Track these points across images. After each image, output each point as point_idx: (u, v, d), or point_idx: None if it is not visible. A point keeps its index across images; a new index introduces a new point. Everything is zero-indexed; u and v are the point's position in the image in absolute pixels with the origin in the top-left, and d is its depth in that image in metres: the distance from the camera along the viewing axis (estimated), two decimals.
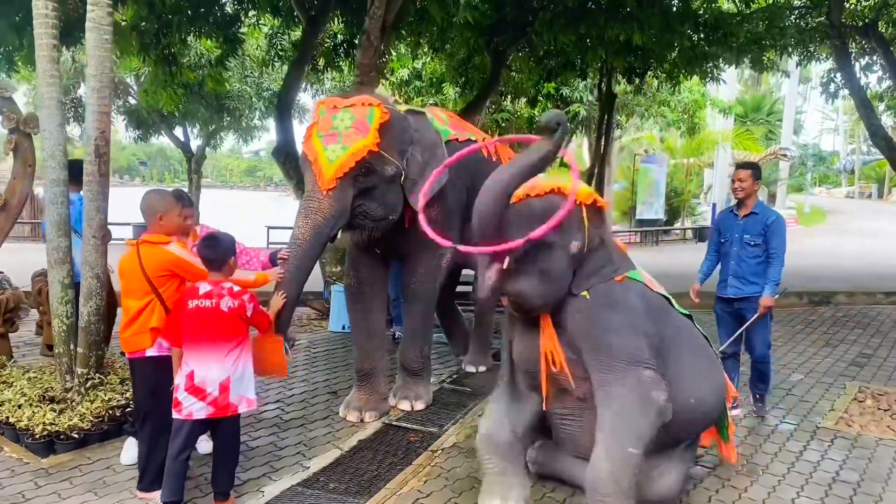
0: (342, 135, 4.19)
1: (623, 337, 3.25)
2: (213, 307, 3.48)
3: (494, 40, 9.51)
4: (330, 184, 4.14)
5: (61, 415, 4.32)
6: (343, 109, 4.29)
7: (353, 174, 4.18)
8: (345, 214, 4.27)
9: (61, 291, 4.68)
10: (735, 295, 5.09)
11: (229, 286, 3.56)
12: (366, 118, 4.23)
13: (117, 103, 15.26)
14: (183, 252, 3.71)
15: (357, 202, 4.30)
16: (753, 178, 5.01)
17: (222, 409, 3.49)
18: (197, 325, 3.47)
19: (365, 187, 4.28)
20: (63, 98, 4.94)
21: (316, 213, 4.18)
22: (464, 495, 3.83)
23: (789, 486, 4.04)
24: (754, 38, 8.89)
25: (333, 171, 4.12)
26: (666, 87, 14.45)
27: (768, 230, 4.93)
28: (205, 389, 3.45)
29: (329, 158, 4.13)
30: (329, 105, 4.37)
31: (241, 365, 3.58)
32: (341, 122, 4.23)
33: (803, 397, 5.69)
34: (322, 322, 8.14)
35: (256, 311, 3.63)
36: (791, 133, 31.51)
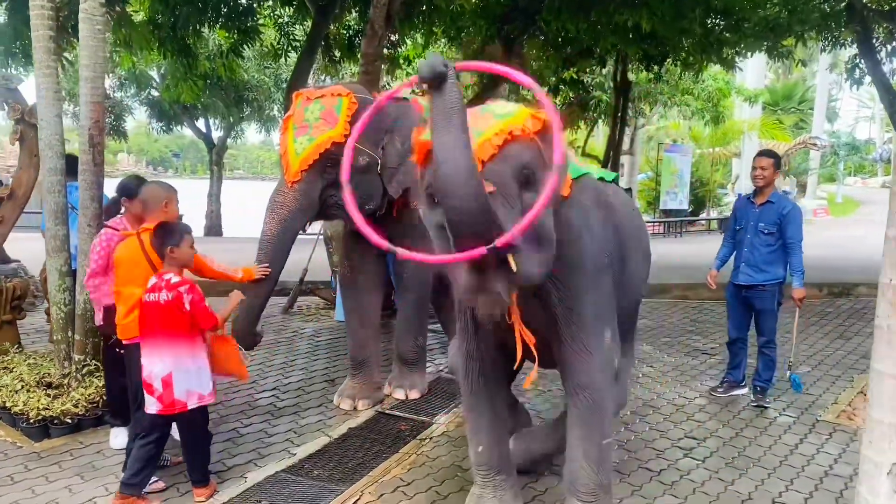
0: (312, 126, 4.18)
1: (590, 287, 3.00)
2: (155, 301, 3.44)
3: (505, 28, 9.44)
4: (295, 177, 4.15)
5: (56, 400, 4.40)
6: (314, 101, 4.27)
7: (320, 166, 4.17)
8: (312, 207, 4.27)
9: (59, 279, 4.76)
10: (745, 282, 5.08)
11: (168, 277, 3.47)
12: (334, 109, 4.20)
13: (140, 96, 15.48)
14: None
15: (328, 193, 4.29)
16: (774, 167, 4.97)
17: (168, 406, 3.45)
18: (145, 319, 3.48)
19: (335, 179, 4.21)
20: (62, 89, 5.00)
21: (281, 207, 4.20)
22: (445, 483, 3.83)
23: (779, 479, 3.96)
24: (770, 25, 8.67)
25: (298, 163, 4.13)
26: (688, 76, 14.26)
27: (784, 219, 4.92)
28: (152, 384, 3.45)
29: (296, 151, 4.14)
30: (303, 97, 4.36)
31: (188, 360, 3.49)
32: (311, 113, 4.22)
33: (808, 390, 5.58)
34: (329, 311, 8.18)
35: (196, 306, 3.46)
36: (823, 121, 30.78)
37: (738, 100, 20.65)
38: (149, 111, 16.45)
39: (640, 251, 3.65)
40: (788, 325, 7.82)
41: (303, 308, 8.40)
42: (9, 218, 5.90)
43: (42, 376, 4.68)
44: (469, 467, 3.96)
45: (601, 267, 3.08)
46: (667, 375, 5.89)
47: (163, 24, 8.91)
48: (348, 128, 4.13)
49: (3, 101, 5.86)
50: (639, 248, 3.62)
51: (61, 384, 4.60)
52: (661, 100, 17.50)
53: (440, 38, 12.01)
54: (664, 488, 3.82)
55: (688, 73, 12.74)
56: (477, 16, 9.59)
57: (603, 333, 3.07)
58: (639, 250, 3.61)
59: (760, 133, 24.07)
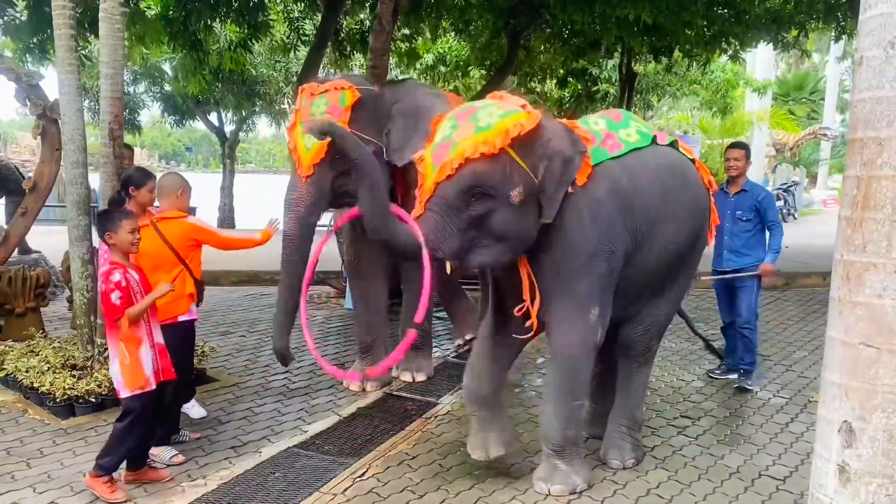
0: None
1: (583, 272, 3.39)
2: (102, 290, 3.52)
3: (511, 22, 9.59)
4: (307, 171, 4.38)
5: (80, 381, 4.63)
6: (319, 95, 4.45)
7: (330, 158, 4.36)
8: (324, 198, 4.50)
9: (81, 267, 4.99)
10: (731, 267, 5.32)
11: (106, 267, 3.53)
12: (338, 102, 4.39)
13: (152, 90, 15.72)
14: (200, 221, 4.13)
15: (338, 183, 4.49)
16: (746, 158, 5.30)
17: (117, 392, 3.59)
18: None
19: (344, 168, 4.39)
20: (82, 85, 5.22)
21: (297, 203, 4.44)
22: (448, 458, 4.04)
23: (767, 454, 4.15)
24: (772, 17, 8.78)
25: (310, 158, 4.34)
26: (696, 67, 14.34)
27: (761, 205, 5.21)
28: None
29: (306, 146, 4.35)
30: (308, 92, 4.53)
31: (114, 350, 3.53)
32: (317, 108, 4.40)
33: (802, 373, 5.74)
34: (340, 300, 8.40)
35: (103, 296, 3.45)
36: (834, 112, 30.59)
37: (749, 90, 20.65)
38: (162, 105, 16.70)
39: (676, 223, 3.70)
40: (790, 312, 8.00)
41: (314, 297, 8.63)
42: (32, 209, 6.15)
43: (67, 359, 4.92)
44: None
45: (599, 252, 3.39)
46: (667, 360, 6.07)
47: (174, 18, 9.11)
48: (349, 119, 4.34)
49: (26, 97, 6.10)
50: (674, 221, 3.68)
51: (85, 366, 4.83)
52: (670, 91, 17.56)
53: (448, 31, 12.18)
54: (656, 462, 4.02)
55: (696, 64, 12.83)
56: (483, 9, 9.73)
57: (589, 311, 3.43)
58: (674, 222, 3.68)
59: (771, 124, 24.05)
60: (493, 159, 3.07)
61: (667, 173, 3.69)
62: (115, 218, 3.54)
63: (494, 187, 3.11)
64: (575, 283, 3.40)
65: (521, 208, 3.18)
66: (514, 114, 3.12)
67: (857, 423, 2.06)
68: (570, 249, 3.37)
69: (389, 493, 3.61)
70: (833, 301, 2.11)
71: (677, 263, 3.82)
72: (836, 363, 2.09)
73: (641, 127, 3.81)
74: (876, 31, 2.05)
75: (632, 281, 3.64)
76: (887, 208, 2.01)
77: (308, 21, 11.17)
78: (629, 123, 3.77)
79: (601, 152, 3.50)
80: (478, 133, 3.06)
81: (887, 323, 2.01)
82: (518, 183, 3.13)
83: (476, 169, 3.07)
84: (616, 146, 3.58)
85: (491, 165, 3.08)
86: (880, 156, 2.03)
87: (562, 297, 3.42)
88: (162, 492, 3.61)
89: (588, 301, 3.43)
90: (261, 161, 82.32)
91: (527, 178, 3.16)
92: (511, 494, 3.60)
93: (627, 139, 3.64)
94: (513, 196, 3.13)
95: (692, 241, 3.84)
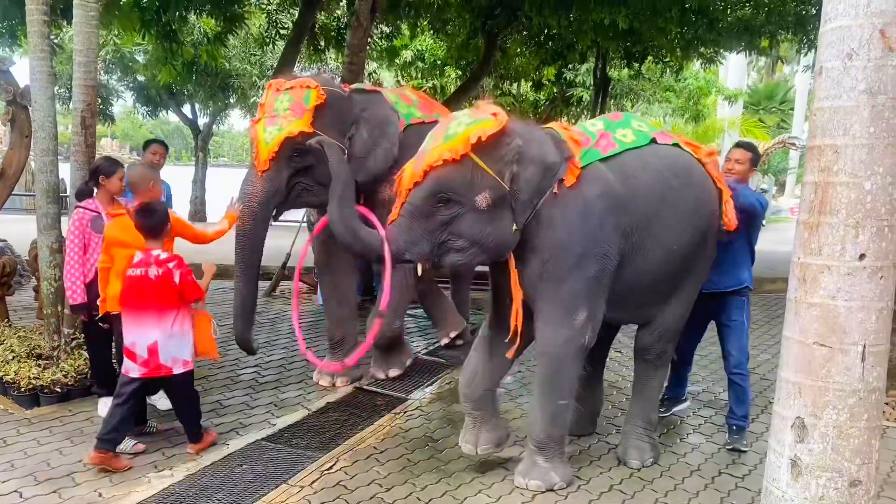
0: (280, 117, 4.36)
1: (572, 274, 3.40)
2: (142, 276, 3.73)
3: (488, 23, 9.66)
4: (264, 165, 4.37)
5: (45, 370, 4.59)
6: (284, 91, 4.44)
7: (287, 155, 4.37)
8: (279, 194, 4.49)
9: (49, 256, 4.93)
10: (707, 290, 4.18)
11: (156, 254, 3.76)
12: (303, 100, 4.38)
13: (125, 80, 15.53)
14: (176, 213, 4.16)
15: (295, 181, 4.51)
16: (751, 162, 4.36)
17: (154, 370, 3.77)
18: (130, 293, 3.76)
19: (301, 167, 4.45)
20: (54, 71, 5.16)
21: (251, 198, 4.44)
22: (416, 452, 4.08)
23: (727, 453, 4.26)
24: (744, 25, 8.96)
25: (267, 152, 4.33)
26: (669, 74, 14.55)
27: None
28: (135, 352, 3.75)
29: (265, 140, 4.34)
30: (274, 87, 4.52)
31: (175, 330, 3.80)
32: (281, 104, 4.40)
33: (764, 376, 5.86)
34: (311, 295, 8.39)
35: (184, 280, 3.78)
36: (803, 122, 31.18)
37: (720, 98, 20.98)
38: (135, 96, 16.49)
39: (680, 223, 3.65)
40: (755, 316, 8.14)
41: (285, 292, 8.61)
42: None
43: (32, 348, 4.87)
44: (439, 439, 4.27)
45: (589, 254, 3.41)
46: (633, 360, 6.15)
47: (148, 6, 9.00)
48: (312, 118, 4.34)
49: None
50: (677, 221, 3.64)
51: (51, 356, 4.79)
52: (643, 97, 17.79)
53: (425, 30, 12.22)
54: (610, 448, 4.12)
55: (669, 70, 13.04)
56: (461, 9, 9.79)
57: (576, 312, 3.45)
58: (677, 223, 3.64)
59: (741, 132, 24.44)
60: (457, 166, 3.21)
61: (669, 173, 3.64)
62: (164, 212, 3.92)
63: (458, 192, 3.25)
64: (562, 284, 3.42)
65: (490, 213, 3.28)
66: (480, 122, 3.23)
67: (810, 420, 2.15)
68: (558, 250, 3.40)
69: (357, 486, 3.64)
70: (790, 302, 2.19)
71: (684, 266, 3.76)
72: (791, 362, 2.17)
73: (642, 126, 3.81)
74: (835, 43, 2.13)
75: (635, 284, 3.65)
76: (842, 213, 2.10)
77: (285, 15, 11.12)
78: (629, 123, 3.78)
79: (593, 153, 3.52)
80: (444, 142, 3.23)
81: (840, 323, 2.10)
82: (484, 188, 3.23)
83: (439, 176, 3.23)
84: (610, 146, 3.58)
85: (453, 172, 3.22)
86: (836, 163, 2.12)
87: (549, 298, 3.46)
88: (128, 482, 3.60)
89: (575, 302, 3.45)
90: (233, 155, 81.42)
91: (493, 183, 3.25)
92: (477, 488, 3.66)
93: (623, 139, 3.64)
94: (479, 201, 3.24)
95: (698, 241, 3.73)
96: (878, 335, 2.12)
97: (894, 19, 2.06)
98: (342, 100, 4.63)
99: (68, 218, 4.49)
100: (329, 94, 4.48)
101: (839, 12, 2.13)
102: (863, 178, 2.09)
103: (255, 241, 4.54)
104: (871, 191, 2.09)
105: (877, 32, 2.07)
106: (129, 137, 67.47)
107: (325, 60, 13.72)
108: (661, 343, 3.97)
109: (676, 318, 3.95)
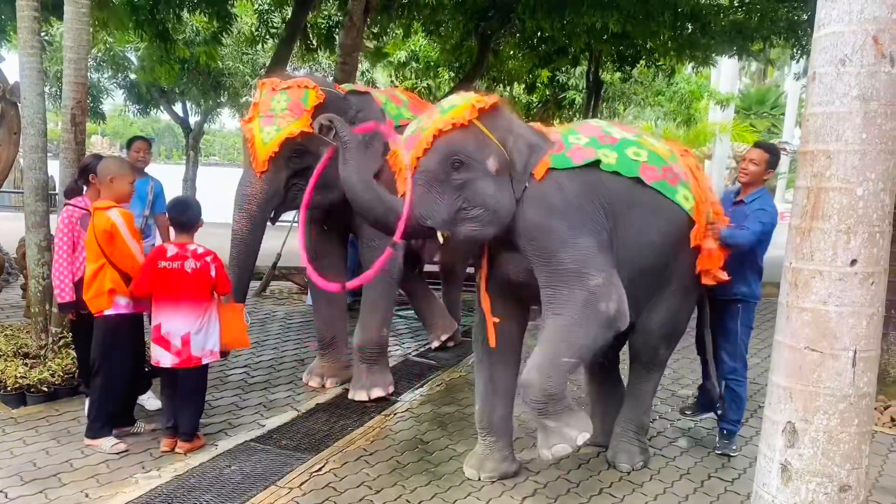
0: (278, 117, 4.29)
1: (566, 245, 3.30)
2: (178, 269, 3.85)
3: (482, 25, 9.66)
4: (262, 166, 4.29)
5: (32, 370, 4.55)
6: (281, 91, 4.37)
7: (286, 156, 4.32)
8: (277, 195, 4.43)
9: (38, 254, 4.90)
10: None
11: (193, 248, 3.92)
12: (301, 100, 4.32)
13: (117, 78, 15.43)
14: (121, 222, 3.88)
15: (292, 182, 4.44)
16: (767, 164, 4.12)
17: (185, 361, 3.90)
18: (164, 285, 3.86)
19: (300, 168, 4.39)
20: (44, 68, 5.12)
21: (249, 201, 4.35)
22: (406, 454, 4.07)
23: (717, 457, 4.26)
24: (738, 29, 9.00)
25: (266, 153, 4.26)
26: (661, 78, 14.59)
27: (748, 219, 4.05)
28: (169, 341, 3.86)
29: (263, 141, 4.26)
30: (269, 86, 4.45)
31: (205, 322, 3.95)
32: (278, 104, 4.33)
33: (754, 379, 5.83)
34: (302, 296, 8.37)
35: (220, 274, 3.96)
36: (793, 127, 31.39)
37: (712, 103, 21.07)
38: (126, 94, 16.37)
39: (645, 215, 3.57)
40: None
41: (276, 292, 8.59)
42: None
43: (19, 347, 4.83)
44: (429, 441, 4.26)
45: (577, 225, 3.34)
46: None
47: (141, 6, 8.95)
48: (311, 119, 4.26)
49: None
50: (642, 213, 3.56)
51: (38, 355, 4.75)
52: (635, 100, 17.85)
53: (419, 31, 12.20)
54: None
55: (661, 74, 13.07)
56: (455, 11, 9.78)
57: (588, 276, 3.28)
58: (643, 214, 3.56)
59: (732, 136, 24.57)
60: (465, 130, 3.21)
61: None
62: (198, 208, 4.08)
63: (471, 156, 3.23)
64: (558, 255, 3.30)
65: (498, 180, 3.29)
66: (474, 96, 3.30)
67: (800, 424, 2.15)
68: (540, 228, 3.32)
69: (346, 487, 3.62)
70: (781, 306, 2.19)
71: (660, 266, 3.67)
72: (782, 366, 2.18)
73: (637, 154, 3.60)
74: (828, 49, 2.14)
75: None
76: (834, 218, 2.11)
77: (277, 14, 11.09)
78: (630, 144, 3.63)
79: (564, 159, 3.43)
80: (444, 113, 3.24)
81: (831, 328, 2.11)
82: (491, 153, 3.26)
83: (451, 139, 3.20)
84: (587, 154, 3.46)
85: (464, 135, 3.22)
86: (829, 168, 2.13)
87: (550, 273, 3.33)
88: (115, 483, 3.57)
89: (581, 267, 3.29)
90: (224, 154, 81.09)
91: (497, 150, 3.28)
92: (467, 491, 3.65)
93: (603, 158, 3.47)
94: (490, 165, 3.25)
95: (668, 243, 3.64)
96: (869, 340, 2.13)
97: (887, 26, 2.07)
98: (339, 101, 4.57)
99: (57, 216, 4.45)
100: (328, 95, 4.44)
101: (833, 18, 2.14)
102: (855, 183, 2.10)
103: (252, 245, 4.45)
104: (863, 197, 2.10)
105: (870, 39, 2.08)
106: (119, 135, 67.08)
107: (317, 60, 13.70)
108: (650, 346, 3.93)
109: (662, 323, 3.86)
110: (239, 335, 4.19)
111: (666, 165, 3.65)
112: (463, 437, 4.32)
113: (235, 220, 4.42)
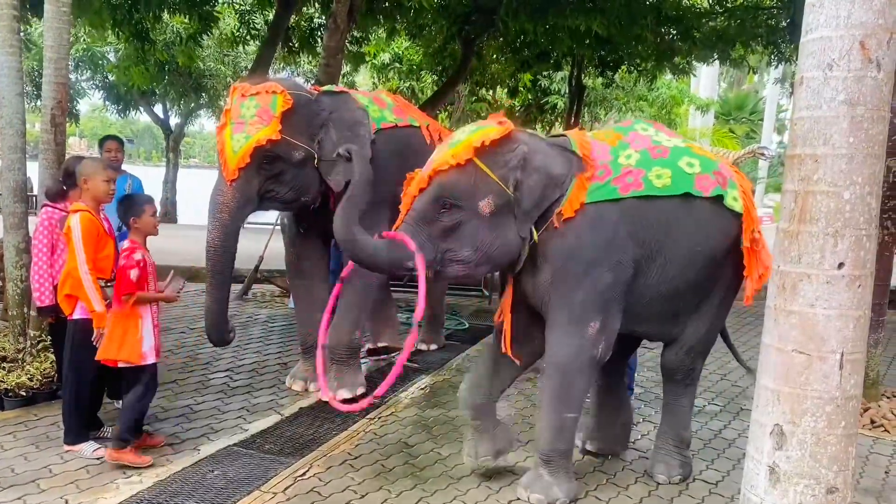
0: (247, 123, 4.26)
1: (581, 284, 3.33)
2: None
3: (465, 28, 9.67)
4: (233, 175, 4.26)
5: (10, 374, 4.47)
6: (250, 97, 4.33)
7: (257, 164, 4.29)
8: (251, 203, 4.41)
9: (16, 256, 4.82)
10: None
11: (127, 245, 3.82)
12: (269, 106, 4.28)
13: (95, 78, 15.28)
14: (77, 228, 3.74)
15: (265, 187, 4.42)
16: None
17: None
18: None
19: (272, 174, 4.37)
20: (23, 67, 5.05)
21: (221, 210, 4.32)
22: (391, 458, 4.04)
23: (701, 459, 4.27)
24: (718, 35, 9.10)
25: (236, 161, 4.22)
26: (643, 83, 14.71)
27: None
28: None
29: (234, 149, 4.23)
30: (239, 92, 4.40)
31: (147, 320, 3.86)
32: (247, 110, 4.29)
33: (736, 382, 5.94)
34: (284, 299, 8.31)
35: (122, 271, 3.71)
36: (772, 132, 31.77)
37: (692, 108, 21.28)
38: (104, 94, 16.22)
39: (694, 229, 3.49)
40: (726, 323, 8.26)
41: (258, 295, 8.52)
42: None
43: None
44: (414, 444, 4.24)
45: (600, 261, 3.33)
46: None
47: (120, 5, 8.83)
48: (280, 124, 4.25)
49: None
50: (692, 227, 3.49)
51: (16, 359, 4.66)
52: (617, 105, 17.96)
53: (402, 34, 12.19)
54: (594, 465, 4.11)
55: (643, 80, 13.17)
56: (438, 14, 9.79)
57: (587, 323, 3.37)
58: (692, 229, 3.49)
59: (712, 141, 24.81)
60: (460, 170, 3.20)
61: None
62: (138, 202, 3.90)
63: (461, 197, 3.22)
64: (573, 293, 3.34)
65: (494, 220, 3.25)
66: (484, 128, 3.25)
67: (788, 427, 2.16)
68: (568, 258, 3.33)
69: (331, 492, 3.59)
70: (769, 309, 2.20)
71: (706, 277, 3.61)
72: (770, 369, 2.19)
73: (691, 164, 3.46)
74: (816, 54, 2.15)
75: (656, 296, 3.54)
76: (822, 222, 2.12)
77: (258, 15, 11.02)
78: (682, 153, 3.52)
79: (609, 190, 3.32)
80: (449, 149, 3.25)
81: (818, 331, 2.12)
82: (487, 193, 3.21)
83: (442, 181, 3.21)
84: (636, 185, 3.35)
85: (457, 176, 3.21)
86: (816, 172, 2.14)
87: (560, 307, 3.39)
88: (95, 488, 3.51)
89: (587, 312, 3.36)
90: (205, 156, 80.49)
91: (497, 189, 3.22)
92: (452, 495, 3.63)
93: (655, 181, 3.36)
94: (482, 207, 3.21)
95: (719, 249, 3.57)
96: (856, 343, 2.14)
97: (874, 31, 2.09)
98: (310, 103, 4.54)
99: (36, 217, 4.38)
100: (296, 99, 4.38)
101: (820, 23, 2.16)
102: (842, 187, 2.12)
103: (226, 255, 4.40)
104: (850, 200, 2.12)
105: (857, 44, 2.10)
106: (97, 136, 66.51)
107: (299, 63, 13.64)
108: (690, 360, 3.85)
109: (700, 335, 3.79)
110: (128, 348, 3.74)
111: (717, 169, 3.54)
112: (448, 441, 4.31)
113: (209, 229, 4.38)
